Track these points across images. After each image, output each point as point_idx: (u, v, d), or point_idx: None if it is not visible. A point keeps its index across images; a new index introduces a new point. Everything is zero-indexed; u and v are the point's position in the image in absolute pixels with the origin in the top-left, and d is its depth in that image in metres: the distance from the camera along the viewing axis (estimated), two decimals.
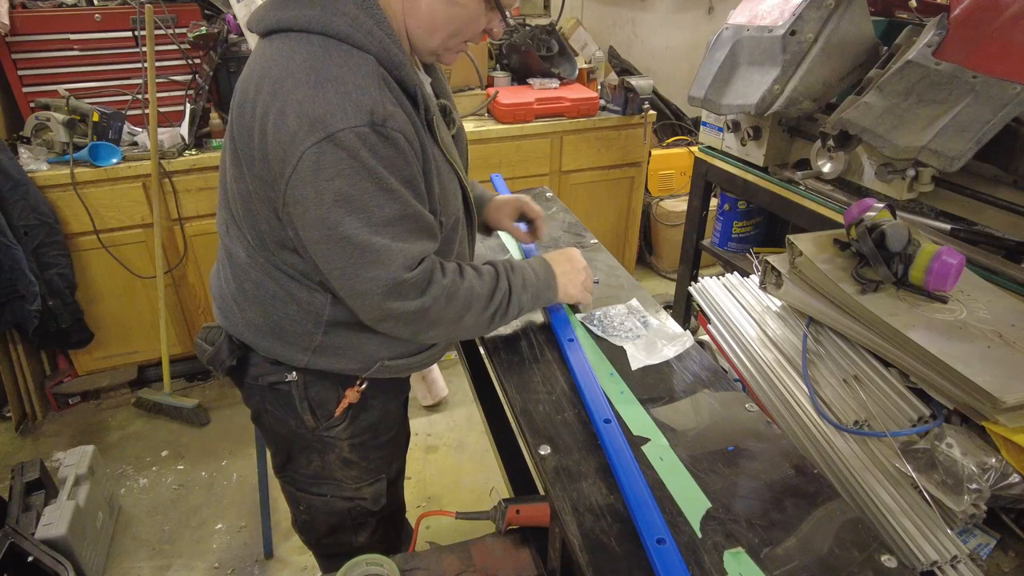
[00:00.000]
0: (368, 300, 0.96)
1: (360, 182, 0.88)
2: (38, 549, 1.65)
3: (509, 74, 2.97)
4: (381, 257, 0.92)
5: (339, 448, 1.20)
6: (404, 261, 0.94)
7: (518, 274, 1.13)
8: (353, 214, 0.89)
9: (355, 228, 0.90)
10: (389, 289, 0.94)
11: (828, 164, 1.75)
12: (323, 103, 0.85)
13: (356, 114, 0.85)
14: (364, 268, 0.93)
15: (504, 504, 1.00)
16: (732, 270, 1.73)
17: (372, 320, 1.00)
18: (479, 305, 1.06)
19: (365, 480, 1.26)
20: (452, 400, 2.68)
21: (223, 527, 2.12)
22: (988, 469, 0.95)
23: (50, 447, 2.45)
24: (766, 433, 1.00)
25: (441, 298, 1.00)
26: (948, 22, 1.41)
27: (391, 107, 0.89)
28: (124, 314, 2.55)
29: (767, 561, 0.79)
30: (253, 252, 1.06)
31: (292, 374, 1.13)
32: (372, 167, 0.88)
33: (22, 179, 2.15)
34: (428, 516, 1.12)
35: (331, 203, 0.88)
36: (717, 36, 1.94)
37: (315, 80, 0.86)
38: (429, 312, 1.00)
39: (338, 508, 1.28)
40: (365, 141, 0.86)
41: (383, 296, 0.95)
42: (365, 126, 0.86)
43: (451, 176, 1.06)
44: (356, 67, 0.88)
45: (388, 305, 0.96)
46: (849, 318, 1.19)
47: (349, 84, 0.86)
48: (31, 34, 2.32)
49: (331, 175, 0.87)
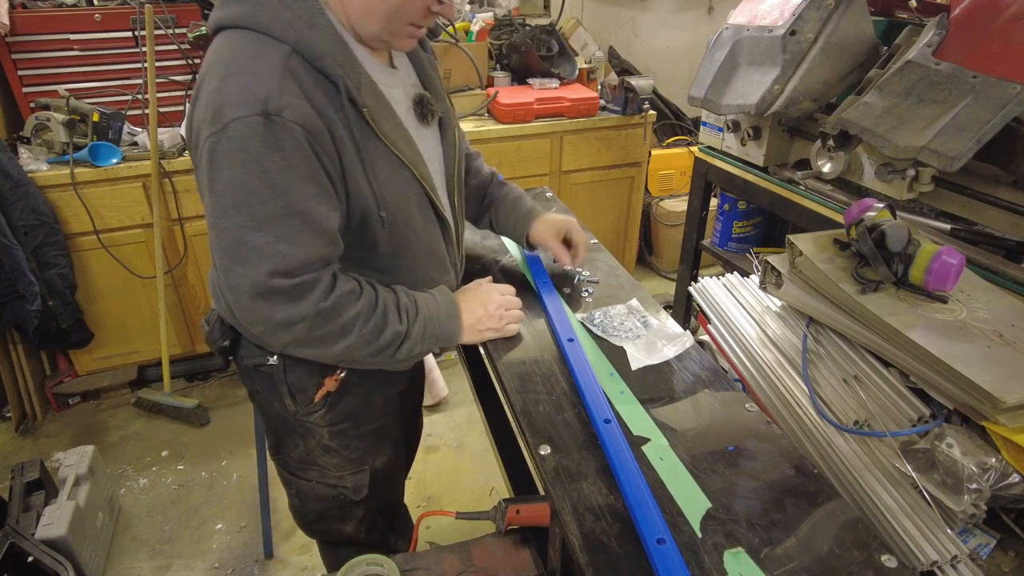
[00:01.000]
0: (238, 296, 0.94)
1: (246, 175, 0.88)
2: (38, 549, 1.65)
3: (509, 74, 2.97)
4: (252, 256, 0.91)
5: (319, 434, 1.21)
6: (277, 264, 0.91)
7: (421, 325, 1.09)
8: (236, 208, 0.89)
9: (234, 221, 0.90)
10: (257, 291, 0.92)
11: (828, 164, 1.75)
12: (224, 94, 0.87)
13: (250, 104, 0.86)
14: (236, 264, 0.92)
15: (504, 504, 1.00)
16: (732, 270, 1.73)
17: (244, 320, 0.98)
18: (360, 338, 1.02)
19: (347, 469, 1.27)
20: (452, 400, 2.68)
21: (223, 527, 2.12)
22: (988, 469, 0.95)
23: (50, 447, 2.45)
24: (766, 433, 1.00)
25: (311, 317, 0.96)
26: (948, 22, 1.41)
27: (292, 98, 0.88)
28: (124, 314, 2.55)
29: (767, 561, 0.79)
30: None
31: (273, 358, 1.14)
32: (260, 160, 0.87)
33: (22, 179, 2.15)
34: (428, 516, 1.12)
35: (219, 192, 0.90)
36: (717, 36, 1.94)
37: (223, 72, 0.89)
38: (294, 328, 0.96)
39: (323, 494, 1.29)
40: (256, 132, 0.86)
41: (251, 296, 0.93)
42: (257, 115, 0.86)
43: (397, 169, 1.03)
44: (263, 58, 0.89)
45: (255, 307, 0.94)
46: (849, 318, 1.19)
47: (250, 75, 0.88)
48: (31, 34, 2.32)
49: (221, 165, 0.88)
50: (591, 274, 1.44)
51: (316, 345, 1.01)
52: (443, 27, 2.76)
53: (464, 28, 2.87)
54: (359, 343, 1.02)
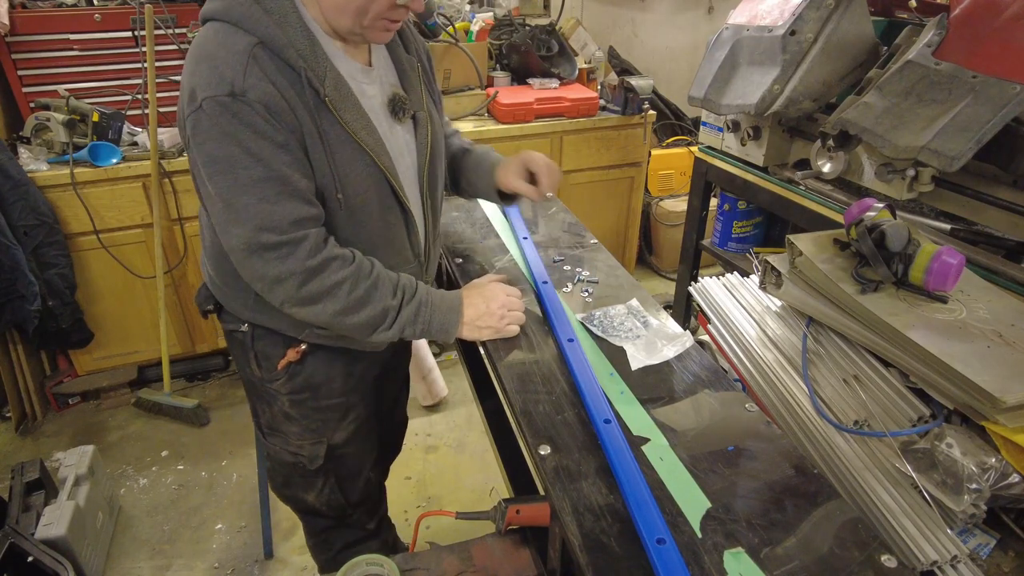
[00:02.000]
0: (236, 256, 1.05)
1: (225, 146, 0.98)
2: (38, 549, 1.65)
3: (509, 74, 2.97)
4: (241, 216, 1.01)
5: (280, 401, 1.30)
6: (263, 221, 1.00)
7: (416, 304, 1.14)
8: (220, 174, 0.99)
9: (220, 186, 1.00)
10: (249, 248, 1.02)
11: (828, 164, 1.75)
12: (197, 77, 0.98)
13: (218, 85, 0.96)
14: (229, 224, 1.02)
15: (504, 504, 1.00)
16: (732, 270, 1.73)
17: (246, 279, 1.08)
18: (348, 303, 1.07)
19: (306, 439, 1.34)
20: (452, 400, 2.68)
21: (223, 527, 2.12)
22: (988, 469, 0.95)
23: (50, 447, 2.45)
24: (766, 433, 1.00)
25: (300, 273, 1.04)
26: (948, 22, 1.41)
27: (255, 80, 0.98)
28: (124, 314, 2.55)
29: (767, 561, 0.79)
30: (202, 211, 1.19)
31: (244, 326, 1.25)
32: (234, 133, 0.97)
33: (22, 179, 2.15)
34: (428, 516, 1.12)
35: (204, 163, 1.00)
36: (717, 36, 1.94)
37: (197, 59, 0.99)
38: (286, 283, 1.04)
39: (285, 460, 1.38)
40: (226, 108, 0.96)
41: (245, 254, 1.03)
42: (225, 95, 0.96)
43: (358, 156, 1.09)
44: (231, 46, 0.98)
45: (251, 265, 1.04)
46: (849, 318, 1.19)
47: (219, 60, 0.97)
48: (31, 34, 2.32)
49: (202, 139, 0.99)
50: (591, 274, 1.44)
51: (306, 304, 1.07)
52: (443, 27, 2.77)
53: (464, 28, 2.87)
54: (347, 308, 1.08)
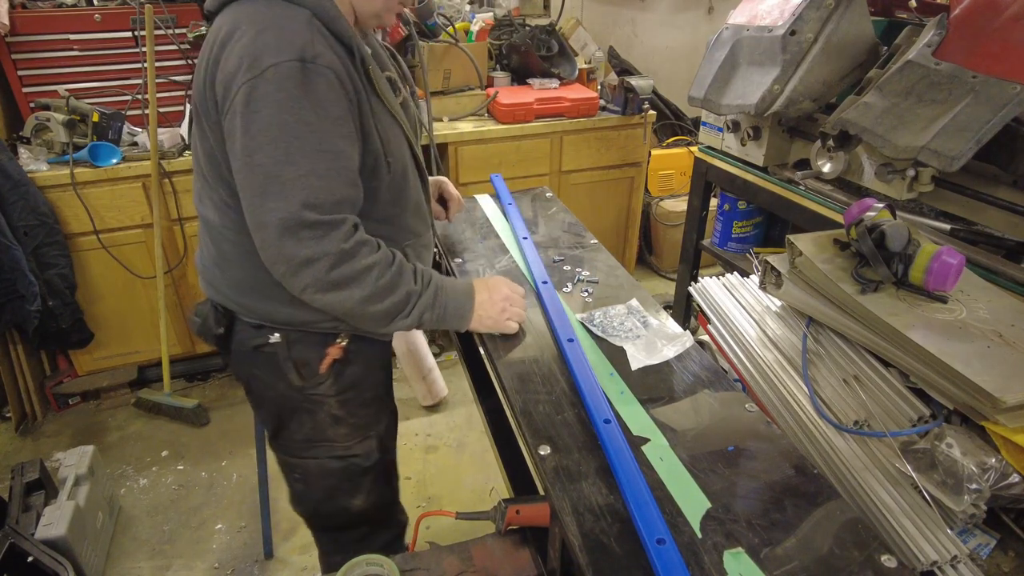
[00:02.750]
0: (266, 234, 0.99)
1: (281, 114, 0.94)
2: (38, 549, 1.65)
3: (509, 74, 2.97)
4: (286, 189, 0.96)
5: (327, 405, 1.25)
6: (308, 196, 0.97)
7: (434, 290, 1.14)
8: (271, 143, 0.95)
9: (269, 157, 0.95)
10: (286, 224, 0.97)
11: (828, 164, 1.75)
12: (260, 44, 0.95)
13: (288, 50, 0.94)
14: (268, 198, 0.97)
15: (504, 504, 1.00)
16: (732, 270, 1.73)
17: (267, 259, 1.02)
18: (375, 290, 1.05)
19: (355, 438, 1.31)
20: (452, 400, 2.68)
21: (223, 527, 2.12)
22: (988, 469, 0.95)
23: (50, 447, 2.45)
24: (766, 433, 1.00)
25: (333, 255, 1.00)
26: (948, 22, 1.41)
27: (322, 48, 0.97)
28: (124, 314, 2.55)
29: (767, 561, 0.79)
30: (226, 210, 1.10)
31: (275, 335, 1.18)
32: (295, 100, 0.94)
33: (22, 179, 2.15)
34: (428, 516, 1.12)
35: (254, 132, 0.95)
36: (717, 36, 1.94)
37: (256, 29, 0.96)
38: (316, 265, 0.99)
39: (332, 468, 1.32)
40: (292, 75, 0.94)
41: (279, 231, 0.97)
42: (295, 60, 0.94)
43: (393, 125, 1.13)
44: (292, 17, 0.98)
45: (282, 244, 0.98)
46: (849, 318, 1.19)
47: (285, 28, 0.96)
48: (31, 34, 2.31)
49: (258, 107, 0.94)
50: (591, 274, 1.44)
51: (332, 289, 1.02)
52: (443, 27, 2.76)
53: (464, 28, 2.87)
54: (373, 295, 1.05)
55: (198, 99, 1.05)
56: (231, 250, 1.14)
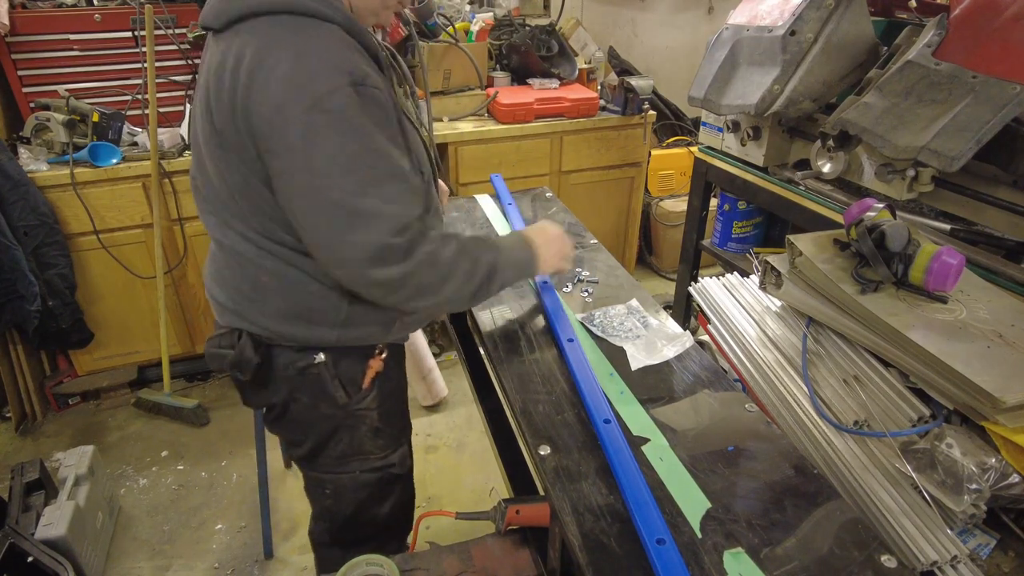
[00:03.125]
0: (352, 268, 0.96)
1: (347, 143, 0.90)
2: (38, 549, 1.65)
3: (509, 74, 2.97)
4: (370, 221, 0.92)
5: (369, 419, 1.22)
6: (392, 224, 0.94)
7: (501, 250, 1.14)
8: (342, 176, 0.90)
9: (343, 191, 0.90)
10: (374, 255, 0.94)
11: (828, 164, 1.75)
12: (305, 71, 0.88)
13: (337, 75, 0.89)
14: (350, 233, 0.92)
15: (504, 504, 1.00)
16: (732, 270, 1.73)
17: (358, 288, 1.00)
18: (460, 276, 1.05)
19: (391, 447, 1.29)
20: (452, 400, 2.68)
21: (223, 527, 2.12)
22: (988, 469, 0.95)
23: (50, 447, 2.45)
24: (766, 433, 1.00)
25: (424, 264, 0.98)
26: (948, 22, 1.41)
27: (364, 66, 0.93)
28: (124, 314, 2.55)
29: (767, 561, 0.79)
30: (264, 243, 1.05)
31: (320, 355, 1.13)
32: (358, 127, 0.90)
33: (22, 179, 2.15)
34: (428, 516, 1.12)
35: (319, 166, 0.90)
36: (717, 36, 1.94)
37: (294, 53, 0.89)
38: (412, 277, 0.98)
39: (365, 481, 1.28)
40: (350, 100, 0.89)
41: (367, 263, 0.94)
42: (347, 85, 0.89)
43: (413, 131, 1.11)
44: (328, 36, 0.92)
45: (371, 272, 0.95)
46: (849, 318, 1.19)
47: (326, 51, 0.90)
48: (31, 34, 2.31)
49: (320, 139, 0.88)
50: (591, 274, 1.44)
51: (429, 293, 1.02)
52: (443, 27, 2.76)
53: (464, 28, 2.87)
54: (462, 281, 1.05)
55: (222, 128, 0.96)
56: (271, 281, 1.08)
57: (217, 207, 1.07)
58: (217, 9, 0.95)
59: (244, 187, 1.00)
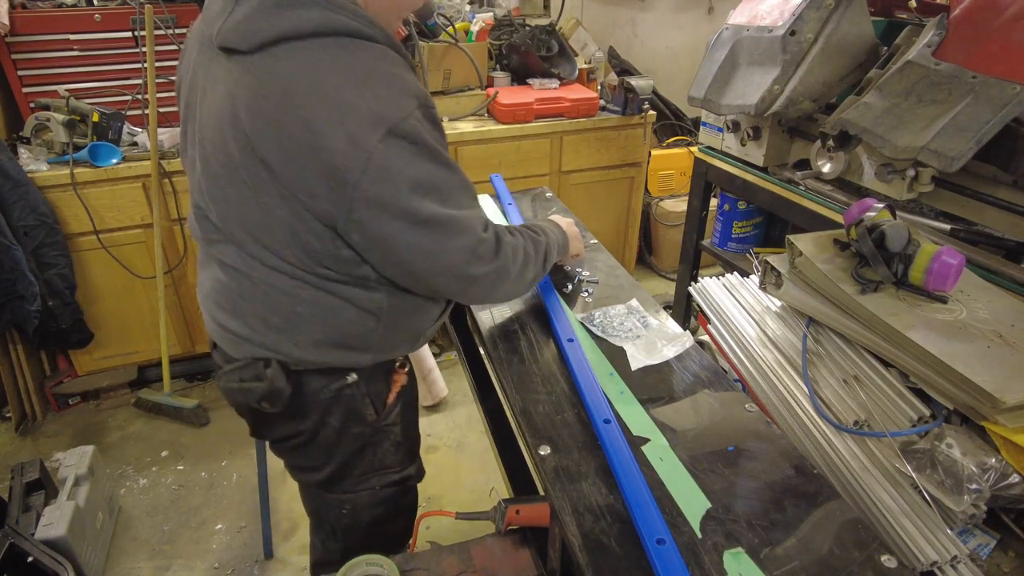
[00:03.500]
0: (454, 272, 0.99)
1: (426, 164, 0.91)
2: (38, 549, 1.65)
3: (509, 74, 2.97)
4: (463, 225, 0.97)
5: (393, 433, 1.22)
6: (478, 223, 1.00)
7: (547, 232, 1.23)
8: (428, 196, 0.92)
9: (434, 210, 0.92)
10: (472, 253, 0.99)
11: (828, 164, 1.75)
12: (373, 99, 0.85)
13: (407, 100, 0.88)
14: (451, 240, 0.96)
15: (504, 504, 1.00)
16: (732, 270, 1.73)
17: (457, 291, 1.07)
18: (535, 261, 1.15)
19: (409, 458, 1.29)
20: (452, 400, 2.68)
21: (223, 527, 2.12)
22: (988, 469, 0.95)
23: (50, 447, 2.45)
24: (766, 433, 1.00)
25: (510, 255, 1.06)
26: (948, 22, 1.41)
27: (420, 85, 0.93)
28: (124, 314, 2.55)
29: (767, 561, 0.79)
30: (301, 274, 1.00)
31: (352, 375, 1.12)
32: (431, 147, 0.91)
33: (22, 179, 2.15)
34: (428, 516, 1.12)
35: (408, 193, 0.89)
36: (717, 36, 1.94)
37: (355, 80, 0.85)
38: (505, 269, 1.05)
39: (384, 496, 1.26)
40: (421, 124, 0.89)
41: (467, 263, 0.99)
42: (418, 109, 0.89)
43: None
44: (380, 58, 0.90)
45: (471, 271, 1.00)
46: (849, 318, 1.19)
47: (388, 75, 0.88)
48: (31, 34, 2.31)
49: (401, 166, 0.87)
50: (591, 274, 1.44)
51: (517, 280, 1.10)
52: (443, 27, 2.76)
53: (464, 28, 2.87)
54: (534, 261, 1.15)
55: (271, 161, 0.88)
56: (308, 311, 1.02)
57: (240, 237, 1.00)
58: (244, 30, 0.87)
59: (288, 225, 0.94)
